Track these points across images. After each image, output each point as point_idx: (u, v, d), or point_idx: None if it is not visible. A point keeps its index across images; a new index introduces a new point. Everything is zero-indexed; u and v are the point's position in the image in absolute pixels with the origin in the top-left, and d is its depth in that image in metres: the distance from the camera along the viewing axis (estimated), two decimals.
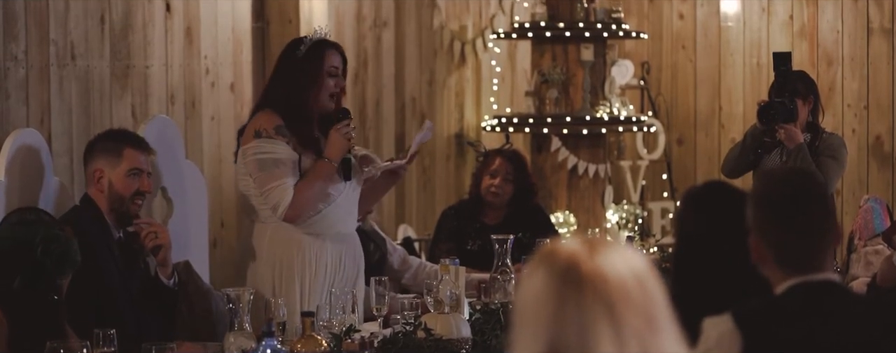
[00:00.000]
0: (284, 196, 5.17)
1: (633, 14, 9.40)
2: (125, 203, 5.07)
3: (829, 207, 3.14)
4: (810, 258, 3.04)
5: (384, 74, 8.29)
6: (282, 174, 5.17)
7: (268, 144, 5.19)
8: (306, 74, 5.25)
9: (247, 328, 4.44)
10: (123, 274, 5.01)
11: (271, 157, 5.18)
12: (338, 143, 5.23)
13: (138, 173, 5.09)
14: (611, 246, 2.12)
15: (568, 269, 2.09)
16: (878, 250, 6.30)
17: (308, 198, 5.21)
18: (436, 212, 7.71)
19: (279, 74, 5.33)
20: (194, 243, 5.98)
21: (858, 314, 3.06)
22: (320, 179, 5.23)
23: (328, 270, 5.31)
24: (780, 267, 3.04)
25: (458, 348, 4.58)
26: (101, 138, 5.21)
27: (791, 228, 3.04)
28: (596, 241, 2.13)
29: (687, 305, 3.23)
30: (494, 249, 5.38)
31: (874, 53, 8.81)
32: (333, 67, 5.30)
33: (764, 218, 3.06)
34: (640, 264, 2.13)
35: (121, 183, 5.06)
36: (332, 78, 5.29)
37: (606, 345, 2.04)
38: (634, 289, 2.08)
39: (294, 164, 5.21)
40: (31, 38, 5.72)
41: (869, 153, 8.83)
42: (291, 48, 5.36)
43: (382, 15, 8.25)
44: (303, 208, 5.21)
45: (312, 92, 5.26)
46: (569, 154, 8.47)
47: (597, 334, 2.05)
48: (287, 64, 5.31)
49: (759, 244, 3.05)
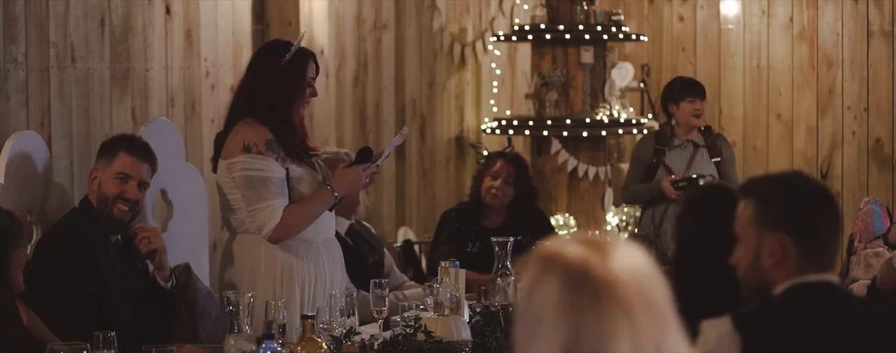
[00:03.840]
0: (271, 218, 5.04)
1: (633, 16, 9.40)
2: (108, 205, 4.99)
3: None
4: (834, 254, 3.06)
5: (384, 77, 8.29)
6: (269, 195, 5.04)
7: (257, 160, 5.05)
8: (292, 83, 5.13)
9: (247, 331, 4.44)
10: (121, 277, 5.00)
11: (260, 175, 5.05)
12: (354, 182, 5.14)
13: (125, 179, 5.01)
14: (616, 246, 2.10)
15: (581, 276, 2.05)
16: (878, 252, 6.30)
17: (296, 222, 5.08)
18: (436, 214, 7.70)
19: (263, 81, 5.14)
20: (194, 246, 5.98)
21: (857, 315, 3.06)
22: (316, 206, 5.12)
23: (326, 273, 5.28)
24: (800, 261, 3.02)
25: (458, 350, 4.58)
26: (111, 141, 5.19)
27: (823, 219, 3.05)
28: (601, 242, 2.11)
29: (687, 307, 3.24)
30: (495, 251, 5.38)
31: (874, 56, 8.81)
32: (311, 78, 5.20)
33: (795, 208, 3.04)
34: (646, 261, 2.11)
35: (107, 183, 5.01)
36: (309, 87, 5.22)
37: (624, 348, 2.04)
38: (647, 290, 2.07)
39: (282, 182, 5.08)
40: (31, 40, 5.72)
41: (869, 156, 8.83)
42: (272, 53, 5.21)
43: (382, 17, 8.25)
44: (289, 231, 5.09)
45: (296, 102, 5.15)
46: (569, 156, 8.47)
47: (615, 339, 2.04)
48: (270, 70, 5.15)
49: (783, 239, 3.02)
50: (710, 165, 7.45)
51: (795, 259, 3.02)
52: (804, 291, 3.02)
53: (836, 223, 3.08)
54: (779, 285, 3.04)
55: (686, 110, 7.41)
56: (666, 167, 7.41)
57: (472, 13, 9.05)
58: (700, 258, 3.56)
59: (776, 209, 3.05)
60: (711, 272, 3.49)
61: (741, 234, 3.09)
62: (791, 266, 3.02)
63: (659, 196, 7.34)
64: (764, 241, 3.04)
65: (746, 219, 3.07)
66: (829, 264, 3.06)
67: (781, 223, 3.03)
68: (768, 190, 3.09)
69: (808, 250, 3.02)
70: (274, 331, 4.06)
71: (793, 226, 3.03)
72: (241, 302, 4.44)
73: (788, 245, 3.02)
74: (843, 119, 8.91)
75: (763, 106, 9.15)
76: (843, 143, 8.92)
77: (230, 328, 4.46)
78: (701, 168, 7.40)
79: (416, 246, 7.87)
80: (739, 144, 9.21)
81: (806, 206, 3.05)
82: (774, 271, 3.04)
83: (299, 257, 5.19)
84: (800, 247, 3.02)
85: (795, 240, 3.02)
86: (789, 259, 3.02)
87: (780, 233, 3.02)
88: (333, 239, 5.38)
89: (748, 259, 3.07)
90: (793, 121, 9.07)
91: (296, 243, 5.18)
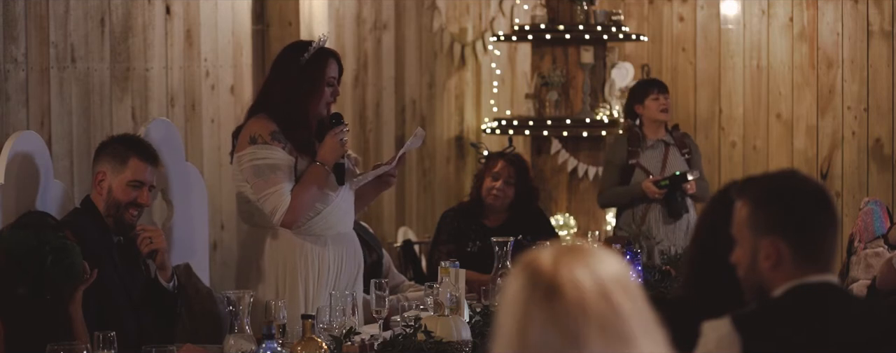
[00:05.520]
0: (281, 202, 5.19)
1: (634, 17, 9.40)
2: (120, 211, 5.03)
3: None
4: (832, 254, 3.04)
5: (384, 77, 8.29)
6: (278, 180, 5.20)
7: (263, 149, 5.21)
8: (308, 80, 5.27)
9: (247, 331, 4.44)
10: (123, 277, 5.00)
11: (267, 162, 5.21)
12: (332, 147, 5.26)
13: (139, 186, 5.04)
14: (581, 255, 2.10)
15: (537, 277, 2.10)
16: (878, 252, 6.30)
17: (304, 202, 5.23)
18: (436, 214, 7.71)
19: (279, 79, 5.33)
20: (194, 246, 5.98)
21: (857, 316, 3.05)
22: (314, 182, 5.25)
23: (331, 270, 5.34)
24: (797, 264, 3.01)
25: (458, 350, 4.57)
26: (113, 141, 5.16)
27: (818, 221, 3.03)
28: (568, 249, 2.12)
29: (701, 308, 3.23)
30: (495, 251, 5.38)
31: (874, 56, 8.81)
32: (332, 78, 5.33)
33: (788, 212, 3.02)
34: (611, 274, 2.10)
35: (120, 191, 5.03)
36: (329, 87, 5.32)
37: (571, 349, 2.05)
38: (596, 303, 2.07)
39: (290, 168, 5.24)
40: (31, 40, 5.72)
41: (869, 156, 8.83)
42: (292, 52, 5.36)
43: (382, 17, 8.25)
44: (299, 212, 5.23)
45: (312, 99, 5.28)
46: (569, 156, 8.47)
47: (560, 347, 2.05)
48: (288, 69, 5.32)
49: (777, 243, 3.01)
50: (682, 161, 7.47)
51: (791, 262, 3.01)
52: (804, 292, 3.01)
53: (832, 223, 3.06)
54: (777, 286, 3.03)
55: (652, 107, 7.43)
56: (642, 168, 7.41)
57: (472, 13, 9.05)
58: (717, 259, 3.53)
59: (769, 213, 3.03)
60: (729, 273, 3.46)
61: (738, 236, 3.08)
62: (788, 268, 3.01)
63: (639, 198, 7.34)
64: (759, 244, 3.03)
65: (741, 222, 3.06)
66: (828, 264, 3.05)
67: (775, 227, 3.02)
68: (762, 192, 3.07)
69: (803, 252, 3.01)
70: (274, 331, 4.06)
71: (786, 229, 3.01)
72: (242, 302, 4.44)
73: (783, 249, 3.00)
74: (843, 119, 8.90)
75: (763, 106, 9.15)
76: (843, 143, 8.92)
77: (230, 328, 4.46)
78: (675, 166, 7.42)
79: (415, 246, 7.87)
80: (739, 144, 9.21)
81: (800, 208, 3.02)
82: (771, 273, 3.03)
83: (304, 250, 5.31)
84: (795, 250, 3.00)
85: (790, 243, 3.00)
86: (785, 262, 3.01)
87: (775, 237, 3.01)
88: (346, 234, 5.42)
89: (746, 261, 3.07)
90: (793, 121, 9.07)
91: (303, 236, 5.30)
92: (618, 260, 2.14)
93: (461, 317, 4.83)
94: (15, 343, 4.39)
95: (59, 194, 5.46)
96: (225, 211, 6.94)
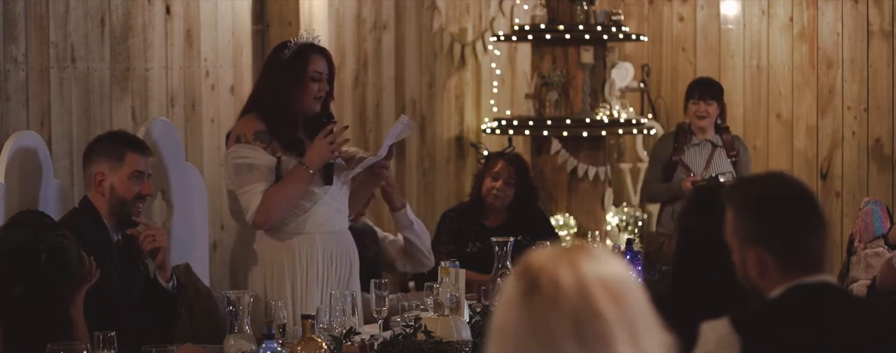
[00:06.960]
0: (253, 200, 5.23)
1: (633, 17, 9.40)
2: (127, 206, 5.08)
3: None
4: (821, 257, 3.03)
5: (384, 77, 8.29)
6: (253, 179, 5.24)
7: (244, 149, 5.25)
8: (289, 76, 5.29)
9: (247, 331, 4.44)
10: (122, 277, 5.01)
11: (245, 162, 5.25)
12: (319, 151, 5.25)
13: (140, 177, 5.10)
14: (574, 256, 2.09)
15: (520, 275, 2.10)
16: (878, 252, 6.30)
17: (275, 202, 5.23)
18: (436, 214, 7.71)
19: (264, 78, 5.39)
20: (194, 246, 5.98)
21: (856, 316, 3.05)
22: (292, 183, 5.25)
23: (319, 267, 5.34)
24: (784, 271, 3.01)
25: (458, 350, 4.58)
26: (101, 140, 5.19)
27: (799, 227, 3.01)
28: (567, 250, 2.11)
29: (688, 306, 3.24)
30: (495, 251, 5.38)
31: (874, 56, 8.81)
32: (317, 72, 5.32)
33: (767, 223, 3.01)
34: (599, 275, 2.07)
35: (123, 186, 5.06)
36: (315, 82, 5.31)
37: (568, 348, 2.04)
38: (571, 303, 2.06)
39: (269, 169, 5.26)
40: (31, 40, 5.72)
41: (869, 156, 8.83)
42: (276, 51, 5.40)
43: (382, 17, 8.25)
44: (271, 211, 5.24)
45: (295, 95, 5.28)
46: (569, 157, 8.47)
47: (535, 345, 2.05)
48: (271, 67, 5.36)
49: (760, 253, 3.00)
50: (728, 164, 7.55)
51: (777, 270, 3.01)
52: (803, 292, 3.01)
53: (819, 224, 3.04)
54: (770, 291, 3.03)
55: (691, 112, 7.67)
56: (685, 166, 7.48)
57: (472, 13, 9.05)
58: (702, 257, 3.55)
59: (751, 223, 3.02)
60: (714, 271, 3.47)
61: (729, 242, 3.08)
62: (775, 276, 3.01)
63: (679, 195, 7.40)
64: (745, 254, 3.03)
65: (729, 229, 3.06)
66: (818, 265, 3.03)
67: (757, 238, 3.01)
68: (744, 200, 3.05)
69: (788, 259, 3.00)
70: (273, 331, 4.06)
71: (768, 240, 3.00)
72: (242, 302, 4.44)
73: (767, 258, 3.00)
74: (843, 119, 8.90)
75: (763, 106, 9.15)
76: (843, 143, 8.92)
77: (230, 328, 4.46)
78: (719, 167, 7.47)
79: None
80: None
81: (783, 215, 3.01)
82: (760, 281, 3.04)
83: (291, 248, 5.33)
84: (779, 258, 3.00)
85: (773, 252, 2.99)
86: (771, 271, 3.01)
87: (758, 247, 3.00)
88: (338, 233, 5.42)
89: (738, 266, 3.07)
90: (793, 121, 9.07)
91: (291, 234, 5.32)
92: (615, 263, 2.11)
93: (461, 317, 4.83)
94: (14, 343, 4.39)
95: (59, 194, 5.47)
96: (225, 211, 6.92)
